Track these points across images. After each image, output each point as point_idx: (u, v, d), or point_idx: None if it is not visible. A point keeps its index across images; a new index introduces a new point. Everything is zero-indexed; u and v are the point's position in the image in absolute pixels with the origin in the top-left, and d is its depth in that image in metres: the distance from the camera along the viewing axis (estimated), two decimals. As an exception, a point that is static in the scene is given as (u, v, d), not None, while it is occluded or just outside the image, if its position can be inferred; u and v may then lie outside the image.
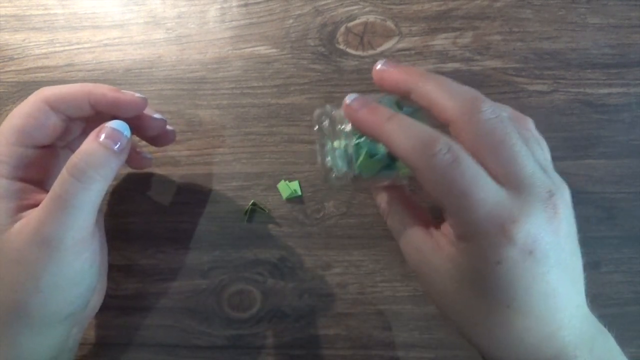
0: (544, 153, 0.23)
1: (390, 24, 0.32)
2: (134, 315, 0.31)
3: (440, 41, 0.32)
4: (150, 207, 0.31)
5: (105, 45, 0.33)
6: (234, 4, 0.33)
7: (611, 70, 0.31)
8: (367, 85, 0.31)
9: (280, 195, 0.31)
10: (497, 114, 0.21)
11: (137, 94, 0.25)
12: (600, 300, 0.29)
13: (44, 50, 0.34)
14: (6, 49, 0.34)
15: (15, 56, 0.34)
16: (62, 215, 0.22)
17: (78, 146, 0.23)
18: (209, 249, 0.31)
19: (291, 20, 0.32)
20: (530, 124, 0.24)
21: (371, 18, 0.32)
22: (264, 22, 0.33)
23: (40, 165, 0.25)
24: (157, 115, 0.27)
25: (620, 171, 0.30)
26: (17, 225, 0.23)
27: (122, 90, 0.25)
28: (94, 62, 0.33)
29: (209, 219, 0.31)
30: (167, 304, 0.31)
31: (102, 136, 0.23)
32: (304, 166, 0.31)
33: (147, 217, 0.31)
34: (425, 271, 0.22)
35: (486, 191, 0.19)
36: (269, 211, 0.30)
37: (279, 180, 0.31)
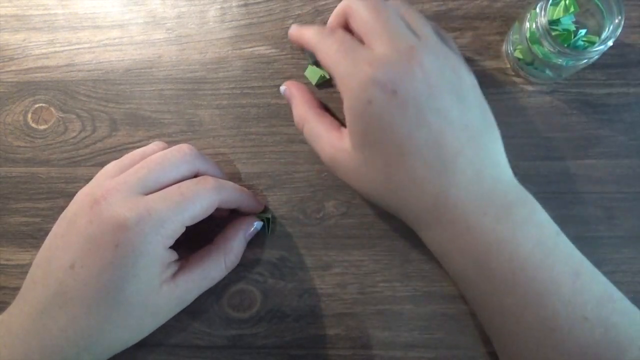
0: (423, 23, 0.26)
1: (390, 24, 0.32)
2: (134, 315, 0.31)
3: (440, 41, 0.32)
4: (150, 207, 0.31)
5: (105, 45, 0.33)
6: (234, 4, 0.33)
7: (611, 70, 0.31)
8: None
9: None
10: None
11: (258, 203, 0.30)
12: (600, 300, 0.29)
13: (44, 50, 0.34)
14: (6, 49, 0.34)
15: (15, 56, 0.34)
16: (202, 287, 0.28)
17: None
18: (209, 249, 0.31)
19: (291, 20, 0.32)
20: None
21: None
22: (264, 22, 0.33)
23: None
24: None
25: (620, 171, 0.30)
26: (166, 288, 0.25)
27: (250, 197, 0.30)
28: (94, 62, 0.33)
29: (209, 219, 0.31)
30: (167, 304, 0.31)
31: (248, 234, 0.30)
32: (304, 166, 0.31)
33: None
34: (338, 160, 0.27)
35: (356, 49, 0.25)
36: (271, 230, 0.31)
37: (280, 179, 0.31)
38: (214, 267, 0.28)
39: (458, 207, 0.24)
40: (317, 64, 0.31)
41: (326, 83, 0.32)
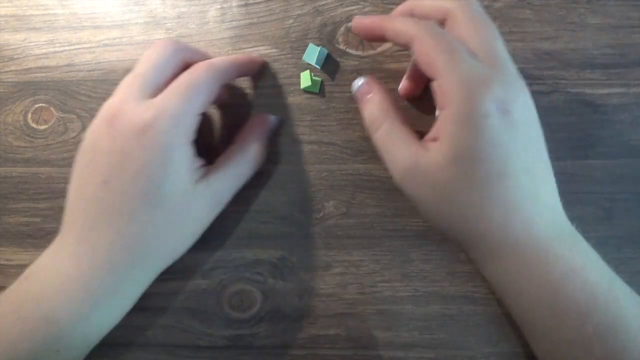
0: None
1: (390, 24, 0.32)
2: (135, 315, 0.31)
3: (440, 41, 0.32)
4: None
5: (105, 45, 0.33)
6: (234, 4, 0.33)
7: (611, 71, 0.31)
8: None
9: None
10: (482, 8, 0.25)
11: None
12: (600, 300, 0.29)
13: (44, 50, 0.34)
14: (6, 49, 0.34)
15: (15, 56, 0.34)
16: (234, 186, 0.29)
17: None
18: (209, 249, 0.31)
19: (291, 20, 0.32)
20: None
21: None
22: (264, 22, 0.33)
23: None
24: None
25: (620, 171, 0.30)
26: (199, 188, 0.26)
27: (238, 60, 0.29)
28: (94, 62, 0.33)
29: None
30: (167, 304, 0.31)
31: (268, 127, 0.31)
32: (304, 166, 0.31)
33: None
34: (419, 171, 0.24)
35: (467, 56, 0.23)
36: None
37: (280, 179, 0.31)
38: (242, 164, 0.29)
39: (541, 235, 0.24)
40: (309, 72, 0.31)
41: (312, 93, 0.32)
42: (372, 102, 0.27)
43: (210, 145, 0.31)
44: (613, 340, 0.23)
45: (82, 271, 0.25)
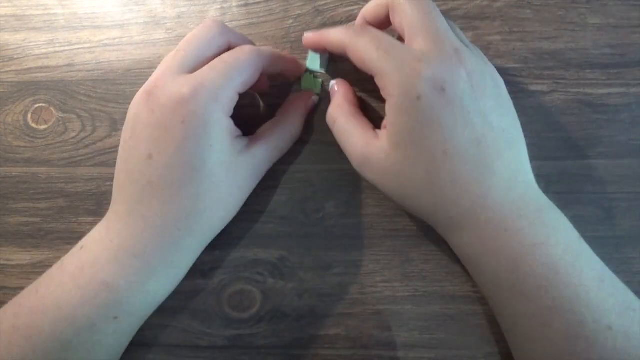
0: (460, 31, 0.27)
1: (390, 24, 0.32)
2: (134, 315, 0.31)
3: (440, 41, 0.32)
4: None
5: (105, 45, 0.33)
6: (234, 4, 0.33)
7: (611, 70, 0.31)
8: (368, 84, 0.31)
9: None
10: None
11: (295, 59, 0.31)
12: (600, 300, 0.29)
13: (44, 50, 0.34)
14: (6, 49, 0.34)
15: (15, 56, 0.34)
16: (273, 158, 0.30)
17: None
18: (209, 249, 0.31)
19: (291, 20, 0.32)
20: None
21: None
22: (264, 22, 0.33)
23: None
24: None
25: (620, 171, 0.30)
26: (243, 158, 0.27)
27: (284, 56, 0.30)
28: (94, 62, 0.33)
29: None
30: (167, 304, 0.31)
31: (308, 105, 0.31)
32: (304, 166, 0.31)
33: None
34: (371, 158, 0.26)
35: (398, 46, 0.25)
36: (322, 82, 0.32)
37: (280, 179, 0.31)
38: (282, 138, 0.29)
39: (496, 209, 0.24)
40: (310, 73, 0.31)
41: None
42: (333, 101, 0.29)
43: (249, 120, 0.31)
44: (572, 314, 0.23)
45: (134, 241, 0.25)
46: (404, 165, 0.25)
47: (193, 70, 0.26)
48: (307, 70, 0.31)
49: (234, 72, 0.25)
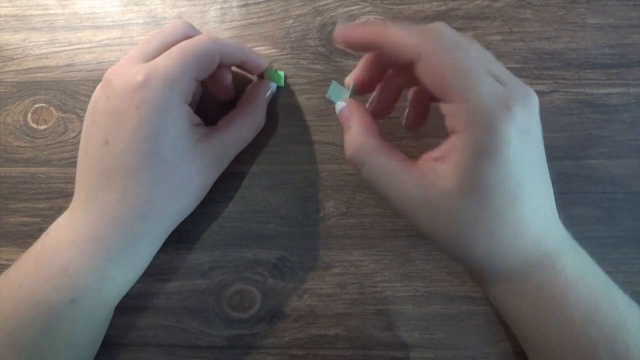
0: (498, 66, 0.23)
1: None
2: (134, 315, 0.31)
3: (440, 41, 0.32)
4: (150, 207, 0.31)
5: (105, 45, 0.33)
6: (234, 4, 0.33)
7: (611, 70, 0.31)
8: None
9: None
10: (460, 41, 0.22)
11: (261, 60, 0.30)
12: (600, 300, 0.29)
13: (44, 50, 0.34)
14: (6, 49, 0.34)
15: (15, 56, 0.34)
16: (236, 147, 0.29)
17: None
18: (209, 249, 0.31)
19: (291, 20, 0.32)
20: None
21: (371, 18, 0.32)
22: (264, 22, 0.33)
23: None
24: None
25: (620, 171, 0.30)
26: (200, 146, 0.27)
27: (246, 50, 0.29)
28: (94, 62, 0.33)
29: (209, 219, 0.31)
30: (167, 304, 0.31)
31: (267, 94, 0.31)
32: (304, 166, 0.31)
33: (147, 217, 0.31)
34: (427, 207, 0.23)
35: (485, 75, 0.21)
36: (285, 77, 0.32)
37: (280, 179, 0.31)
38: (244, 126, 0.29)
39: (550, 250, 0.24)
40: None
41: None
42: (351, 135, 0.25)
43: (210, 110, 0.31)
44: (617, 342, 0.23)
45: (93, 226, 0.25)
46: (471, 211, 0.22)
47: (152, 59, 0.26)
48: (269, 67, 0.31)
49: (190, 59, 0.25)
